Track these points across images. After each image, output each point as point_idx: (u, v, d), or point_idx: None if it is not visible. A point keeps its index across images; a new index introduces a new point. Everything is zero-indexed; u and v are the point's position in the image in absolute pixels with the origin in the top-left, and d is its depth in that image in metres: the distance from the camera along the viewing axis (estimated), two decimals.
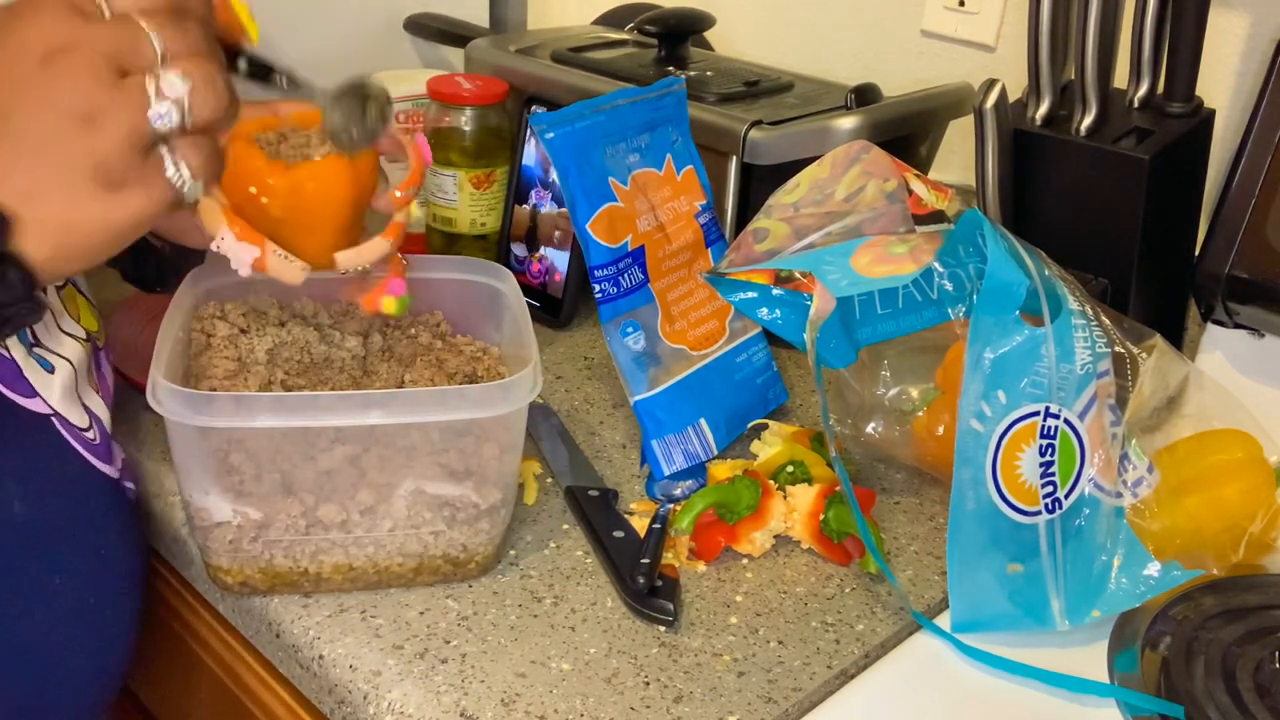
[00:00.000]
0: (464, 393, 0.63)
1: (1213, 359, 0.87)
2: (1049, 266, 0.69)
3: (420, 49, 1.28)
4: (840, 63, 1.19)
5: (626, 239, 0.78)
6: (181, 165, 0.49)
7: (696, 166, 0.84)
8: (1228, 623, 0.66)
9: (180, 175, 0.49)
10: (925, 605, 0.69)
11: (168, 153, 0.49)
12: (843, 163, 0.76)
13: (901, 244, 0.68)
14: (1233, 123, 0.94)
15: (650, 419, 0.78)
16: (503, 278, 0.76)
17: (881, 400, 0.80)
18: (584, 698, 0.60)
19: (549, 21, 1.40)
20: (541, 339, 0.96)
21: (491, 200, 1.02)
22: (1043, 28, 0.83)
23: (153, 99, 0.48)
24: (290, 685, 0.68)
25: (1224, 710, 0.60)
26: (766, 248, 0.73)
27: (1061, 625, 0.65)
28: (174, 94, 0.48)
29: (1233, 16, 0.93)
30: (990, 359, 0.64)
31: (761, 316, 0.75)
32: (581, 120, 0.77)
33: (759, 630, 0.66)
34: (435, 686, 0.60)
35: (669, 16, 1.08)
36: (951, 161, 1.09)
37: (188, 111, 0.48)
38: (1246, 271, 0.80)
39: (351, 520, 0.64)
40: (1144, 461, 0.68)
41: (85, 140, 0.47)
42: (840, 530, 0.71)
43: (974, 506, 0.64)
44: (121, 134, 0.47)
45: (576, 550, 0.72)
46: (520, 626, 0.65)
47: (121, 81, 0.47)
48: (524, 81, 1.06)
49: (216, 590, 0.69)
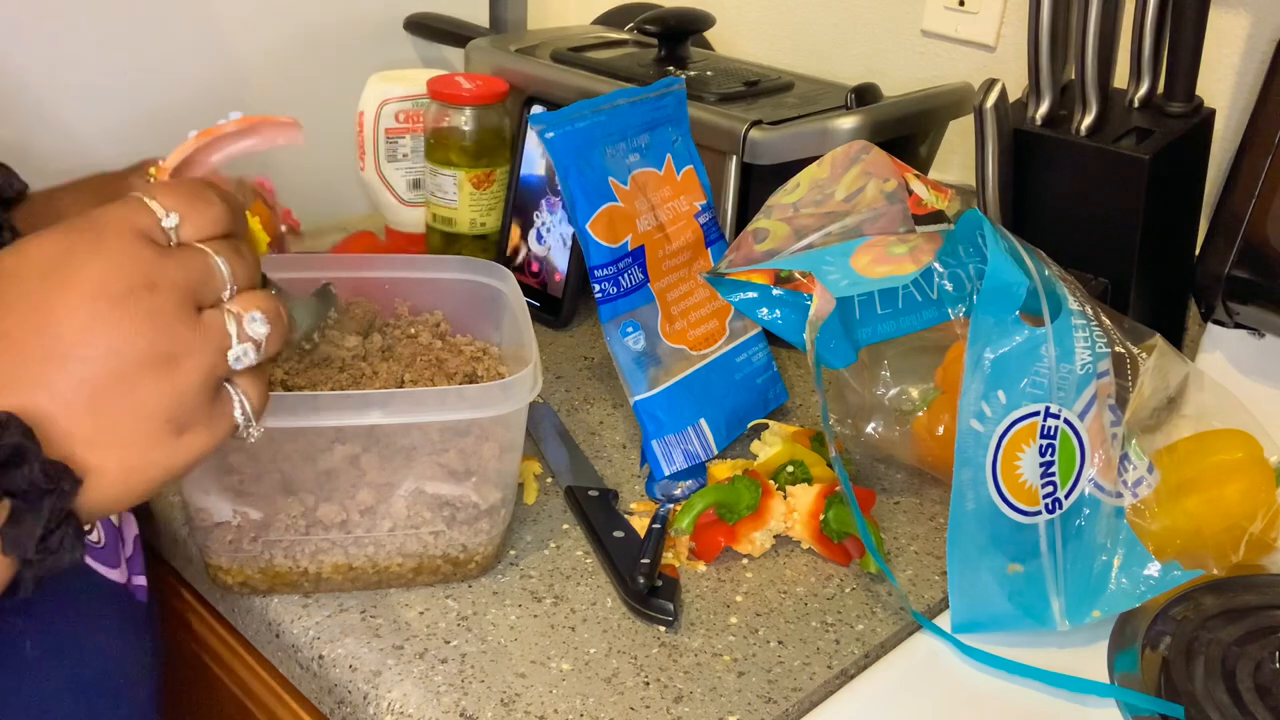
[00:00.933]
0: (464, 393, 0.63)
1: (1213, 359, 0.87)
2: (1049, 266, 0.69)
3: (420, 49, 1.28)
4: (840, 63, 1.18)
5: (626, 239, 0.78)
6: (245, 403, 0.47)
7: (696, 166, 0.84)
8: (1228, 623, 0.66)
9: (245, 414, 0.47)
10: (925, 605, 0.69)
11: (234, 390, 0.47)
12: (842, 163, 0.76)
13: (901, 244, 0.68)
14: (1233, 123, 0.94)
15: (650, 419, 0.78)
16: (503, 278, 0.76)
17: (881, 400, 0.80)
18: (584, 698, 0.60)
19: (549, 21, 1.40)
20: (541, 339, 0.96)
21: (491, 200, 1.02)
22: (1043, 28, 0.83)
23: (234, 339, 0.46)
24: (290, 685, 0.68)
25: (1224, 710, 0.60)
26: (766, 248, 0.73)
27: (1061, 625, 0.65)
28: (256, 335, 0.46)
29: (1233, 16, 0.93)
30: (990, 359, 0.64)
31: (761, 316, 0.75)
32: (581, 120, 0.77)
33: (759, 630, 0.66)
34: (435, 686, 0.60)
35: (669, 16, 1.08)
36: (951, 161, 1.10)
37: (262, 350, 0.47)
38: (1246, 271, 0.80)
39: (351, 520, 0.64)
40: (1144, 461, 0.68)
41: (162, 383, 0.43)
42: (840, 530, 0.71)
43: (974, 506, 0.64)
44: (200, 375, 0.45)
45: (576, 550, 0.72)
46: (520, 626, 0.65)
47: (201, 320, 0.45)
48: (524, 81, 1.06)
49: (216, 590, 0.68)
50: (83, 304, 0.42)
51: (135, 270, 0.43)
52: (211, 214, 0.47)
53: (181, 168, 0.51)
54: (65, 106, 1.02)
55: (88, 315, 0.42)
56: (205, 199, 0.47)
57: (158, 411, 0.43)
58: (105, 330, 0.42)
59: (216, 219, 0.47)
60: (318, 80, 1.19)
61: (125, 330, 0.42)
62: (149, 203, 0.45)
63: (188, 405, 0.44)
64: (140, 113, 1.07)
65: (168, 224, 0.45)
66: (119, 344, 0.42)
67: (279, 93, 1.17)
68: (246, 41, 1.13)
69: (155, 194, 0.46)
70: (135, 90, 1.06)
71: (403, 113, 1.06)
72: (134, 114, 1.07)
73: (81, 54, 1.02)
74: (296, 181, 1.21)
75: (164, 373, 0.43)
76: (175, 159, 0.50)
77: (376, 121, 1.06)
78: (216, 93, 1.12)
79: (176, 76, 1.09)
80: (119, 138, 1.06)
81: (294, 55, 1.17)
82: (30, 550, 0.40)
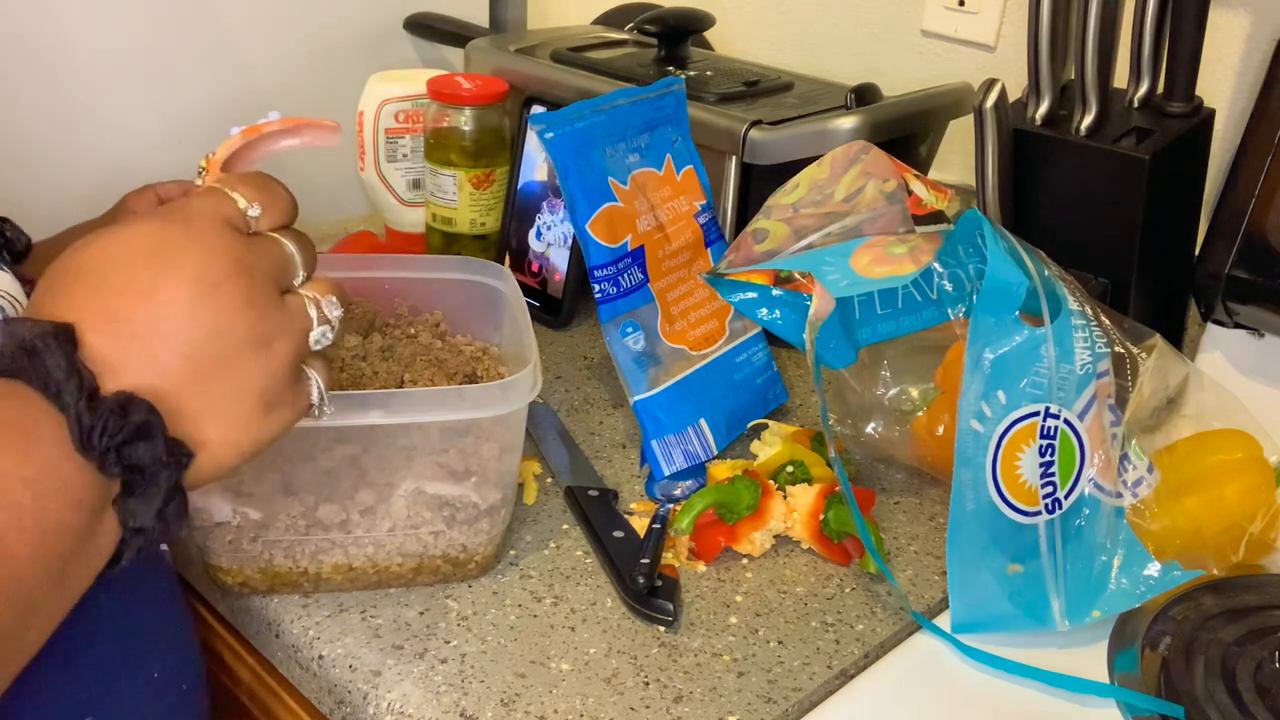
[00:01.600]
0: (464, 393, 0.63)
1: (1213, 359, 0.87)
2: (1049, 266, 0.69)
3: (420, 49, 1.28)
4: (840, 63, 1.18)
5: (626, 239, 0.78)
6: (319, 383, 0.50)
7: (696, 166, 0.84)
8: (1228, 623, 0.66)
9: (320, 393, 0.50)
10: (925, 605, 0.69)
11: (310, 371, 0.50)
12: (842, 163, 0.76)
13: (901, 244, 0.68)
14: (1233, 123, 0.94)
15: (650, 419, 0.78)
16: (503, 278, 0.76)
17: (881, 400, 0.80)
18: (584, 698, 0.60)
19: (549, 21, 1.40)
20: (541, 339, 0.96)
21: (491, 200, 1.02)
22: (1043, 28, 0.83)
23: (315, 321, 0.49)
24: (290, 685, 0.68)
25: (1224, 710, 0.60)
26: (766, 248, 0.73)
27: (1061, 626, 0.65)
28: (333, 317, 0.50)
29: (1233, 16, 0.93)
30: (990, 359, 0.64)
31: (761, 317, 0.75)
32: (581, 120, 0.77)
33: (759, 630, 0.66)
34: (435, 686, 0.60)
35: (669, 16, 1.08)
36: (951, 161, 1.10)
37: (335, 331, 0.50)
38: (1246, 271, 0.79)
39: (351, 520, 0.64)
40: (1144, 461, 0.68)
41: (259, 363, 0.46)
42: (840, 530, 0.71)
43: (974, 507, 0.64)
44: (289, 357, 0.48)
45: (576, 550, 0.72)
46: (520, 626, 0.65)
47: (286, 303, 0.48)
48: (524, 81, 1.06)
49: (216, 590, 0.69)
50: (187, 288, 0.44)
51: (230, 257, 0.46)
52: (282, 205, 0.50)
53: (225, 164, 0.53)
54: (70, 114, 1.02)
55: (192, 299, 0.44)
56: (277, 191, 0.50)
57: (254, 389, 0.46)
58: (209, 313, 0.45)
59: (286, 210, 0.50)
60: (318, 80, 1.19)
61: (227, 313, 0.45)
62: (232, 194, 0.48)
63: (277, 384, 0.47)
64: (144, 115, 1.07)
65: (252, 214, 0.48)
66: (222, 325, 0.45)
67: (279, 93, 1.17)
68: (246, 42, 1.13)
69: (235, 186, 0.49)
70: (138, 94, 1.06)
71: (403, 113, 1.06)
72: (137, 116, 1.07)
73: (83, 59, 1.02)
74: (296, 181, 1.21)
75: (260, 353, 0.46)
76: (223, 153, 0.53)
77: (376, 121, 1.06)
78: (217, 93, 1.12)
79: (178, 79, 1.09)
80: (122, 139, 1.06)
81: (294, 55, 1.17)
82: (149, 520, 0.43)
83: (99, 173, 1.03)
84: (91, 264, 0.45)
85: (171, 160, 1.09)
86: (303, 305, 0.49)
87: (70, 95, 1.02)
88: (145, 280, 0.44)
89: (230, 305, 0.45)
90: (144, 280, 0.44)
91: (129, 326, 0.44)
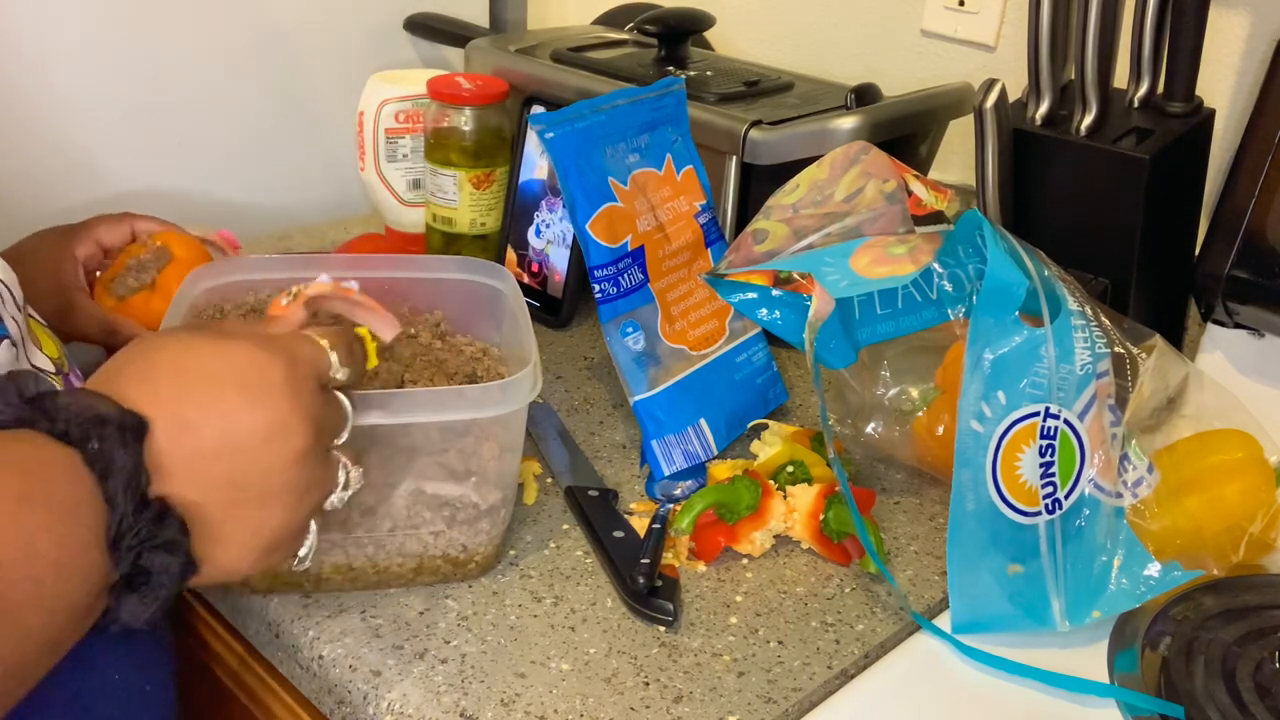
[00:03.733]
0: (464, 393, 0.63)
1: (1213, 359, 0.87)
2: (1049, 266, 0.69)
3: (420, 49, 1.28)
4: (840, 63, 1.19)
5: (626, 239, 0.78)
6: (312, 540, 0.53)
7: (696, 166, 0.84)
8: (1228, 623, 0.66)
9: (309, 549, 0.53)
10: (925, 605, 0.69)
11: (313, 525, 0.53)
12: (842, 163, 0.76)
13: (901, 245, 0.68)
14: (1233, 123, 0.94)
15: (650, 419, 0.78)
16: (503, 278, 0.76)
17: (881, 400, 0.80)
18: (584, 698, 0.60)
19: (549, 21, 1.40)
20: (541, 339, 0.96)
21: (491, 200, 1.02)
22: (1043, 28, 0.83)
23: (340, 487, 0.52)
24: (290, 685, 0.68)
25: (1224, 710, 0.60)
26: (766, 249, 0.73)
27: (1062, 626, 0.65)
28: (354, 488, 0.53)
29: (1233, 16, 0.93)
30: (990, 359, 0.64)
31: (761, 317, 0.75)
32: (581, 120, 0.77)
33: (759, 630, 0.66)
34: (435, 686, 0.60)
35: (669, 16, 1.08)
36: (951, 161, 1.10)
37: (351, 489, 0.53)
38: (1246, 271, 0.80)
39: (351, 520, 0.64)
40: (1144, 462, 0.68)
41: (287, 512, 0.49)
42: (840, 530, 0.71)
43: (974, 507, 0.64)
44: (311, 510, 0.51)
45: (576, 550, 0.72)
46: (520, 626, 0.65)
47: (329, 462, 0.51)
48: (524, 81, 1.06)
49: (217, 590, 0.68)
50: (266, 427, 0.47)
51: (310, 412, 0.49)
52: (359, 370, 0.54)
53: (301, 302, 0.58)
54: (65, 112, 1.02)
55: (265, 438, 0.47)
56: (358, 355, 0.54)
57: (271, 531, 0.49)
58: (273, 455, 0.47)
59: (360, 374, 0.54)
60: (318, 80, 1.19)
61: (286, 459, 0.48)
62: (331, 354, 0.52)
63: (290, 531, 0.50)
64: (140, 115, 1.07)
65: (338, 376, 0.52)
66: (276, 467, 0.47)
67: (279, 93, 1.17)
68: (247, 42, 1.13)
69: (336, 345, 0.52)
70: (133, 92, 1.06)
71: (403, 113, 1.06)
72: (134, 117, 1.07)
73: (76, 54, 1.02)
74: (297, 181, 1.21)
75: (292, 503, 0.49)
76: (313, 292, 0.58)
77: (376, 121, 1.06)
78: (217, 94, 1.12)
79: (176, 78, 1.09)
80: (119, 140, 1.06)
81: (294, 55, 1.17)
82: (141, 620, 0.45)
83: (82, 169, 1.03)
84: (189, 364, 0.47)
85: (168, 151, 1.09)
86: (336, 469, 0.52)
87: (66, 96, 1.02)
88: (231, 404, 0.46)
89: (291, 453, 0.48)
90: (230, 403, 0.46)
91: (197, 441, 0.45)
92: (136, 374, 0.46)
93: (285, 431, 0.47)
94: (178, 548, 0.44)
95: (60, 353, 0.70)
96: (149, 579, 0.44)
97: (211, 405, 0.46)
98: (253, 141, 1.16)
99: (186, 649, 0.80)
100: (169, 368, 0.47)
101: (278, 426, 0.47)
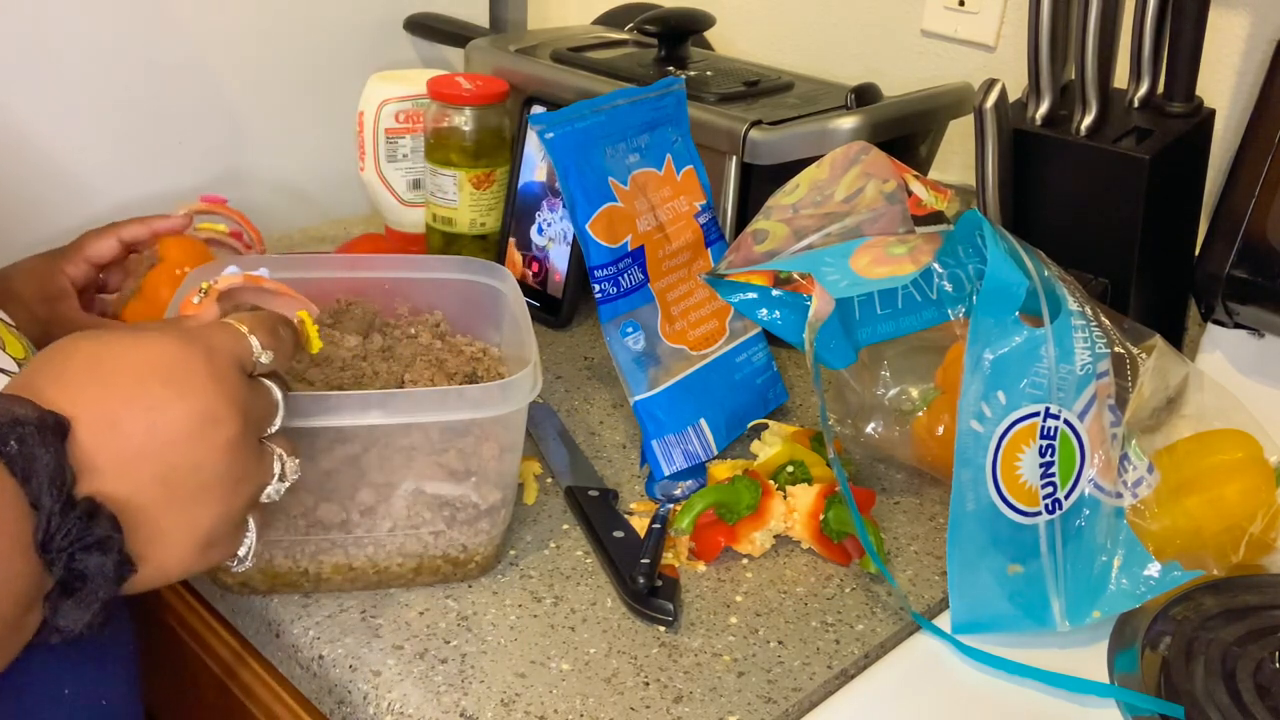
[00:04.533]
0: (464, 393, 0.63)
1: (1213, 359, 0.87)
2: (1049, 267, 0.69)
3: (420, 49, 1.28)
4: (840, 63, 1.18)
5: (626, 239, 0.78)
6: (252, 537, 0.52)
7: (696, 166, 0.84)
8: (1228, 623, 0.66)
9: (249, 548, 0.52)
10: (925, 605, 0.69)
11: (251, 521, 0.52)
12: (842, 164, 0.76)
13: (901, 245, 0.68)
14: (1233, 123, 0.94)
15: (650, 419, 0.78)
16: (503, 278, 0.76)
17: (881, 400, 0.80)
18: (584, 698, 0.60)
19: (549, 21, 1.40)
20: (541, 339, 0.96)
21: (491, 200, 1.02)
22: (1043, 28, 0.83)
23: (275, 479, 0.51)
24: (290, 685, 0.68)
25: (1224, 710, 0.60)
26: (766, 249, 0.73)
27: (1062, 626, 0.65)
28: (290, 479, 0.52)
29: (1233, 16, 0.93)
30: (990, 360, 0.64)
31: (761, 317, 0.75)
32: (581, 120, 0.77)
33: (759, 630, 0.66)
34: (435, 686, 0.60)
35: (669, 16, 1.08)
36: (951, 161, 1.10)
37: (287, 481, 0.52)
38: (1246, 271, 0.80)
39: (351, 520, 0.64)
40: (1144, 462, 0.68)
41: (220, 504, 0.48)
42: (840, 530, 0.71)
43: (974, 507, 0.64)
44: (246, 503, 0.50)
45: (576, 550, 0.72)
46: (520, 626, 0.65)
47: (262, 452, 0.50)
48: (524, 81, 1.06)
49: (216, 590, 0.69)
50: (192, 419, 0.46)
51: (235, 400, 0.48)
52: (285, 354, 0.53)
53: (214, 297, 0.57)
54: (65, 109, 1.02)
55: (192, 430, 0.46)
56: (284, 340, 0.53)
57: (206, 526, 0.48)
58: (202, 447, 0.46)
59: (287, 358, 0.53)
60: (318, 80, 1.19)
61: (215, 451, 0.47)
62: (250, 339, 0.50)
63: (226, 526, 0.49)
64: (140, 116, 1.07)
65: (262, 360, 0.51)
66: (205, 461, 0.47)
67: (279, 93, 1.17)
68: (247, 42, 1.13)
69: (255, 330, 0.51)
70: (133, 93, 1.06)
71: (403, 113, 1.06)
72: (134, 117, 1.07)
73: (76, 54, 1.02)
74: (297, 182, 1.21)
75: (225, 495, 0.48)
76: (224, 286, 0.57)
77: (376, 122, 1.06)
78: (217, 94, 1.12)
79: (176, 78, 1.09)
80: (118, 144, 1.06)
81: (294, 55, 1.17)
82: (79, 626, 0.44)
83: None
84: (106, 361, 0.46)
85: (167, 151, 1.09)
86: (271, 459, 0.51)
87: (68, 93, 1.02)
88: (157, 396, 0.45)
89: (220, 444, 0.47)
90: (155, 396, 0.45)
91: (124, 437, 0.44)
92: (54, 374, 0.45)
93: (213, 420, 0.46)
94: (111, 545, 0.43)
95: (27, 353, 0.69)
96: (85, 582, 0.43)
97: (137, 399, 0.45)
98: (253, 141, 1.16)
99: (186, 648, 0.80)
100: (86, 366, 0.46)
101: (205, 416, 0.46)
